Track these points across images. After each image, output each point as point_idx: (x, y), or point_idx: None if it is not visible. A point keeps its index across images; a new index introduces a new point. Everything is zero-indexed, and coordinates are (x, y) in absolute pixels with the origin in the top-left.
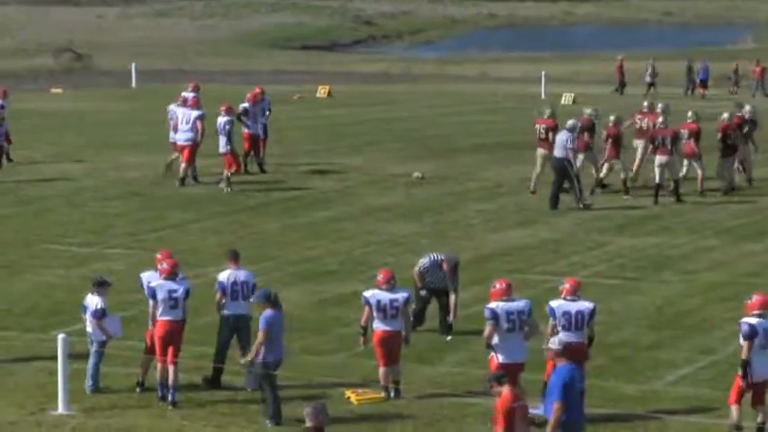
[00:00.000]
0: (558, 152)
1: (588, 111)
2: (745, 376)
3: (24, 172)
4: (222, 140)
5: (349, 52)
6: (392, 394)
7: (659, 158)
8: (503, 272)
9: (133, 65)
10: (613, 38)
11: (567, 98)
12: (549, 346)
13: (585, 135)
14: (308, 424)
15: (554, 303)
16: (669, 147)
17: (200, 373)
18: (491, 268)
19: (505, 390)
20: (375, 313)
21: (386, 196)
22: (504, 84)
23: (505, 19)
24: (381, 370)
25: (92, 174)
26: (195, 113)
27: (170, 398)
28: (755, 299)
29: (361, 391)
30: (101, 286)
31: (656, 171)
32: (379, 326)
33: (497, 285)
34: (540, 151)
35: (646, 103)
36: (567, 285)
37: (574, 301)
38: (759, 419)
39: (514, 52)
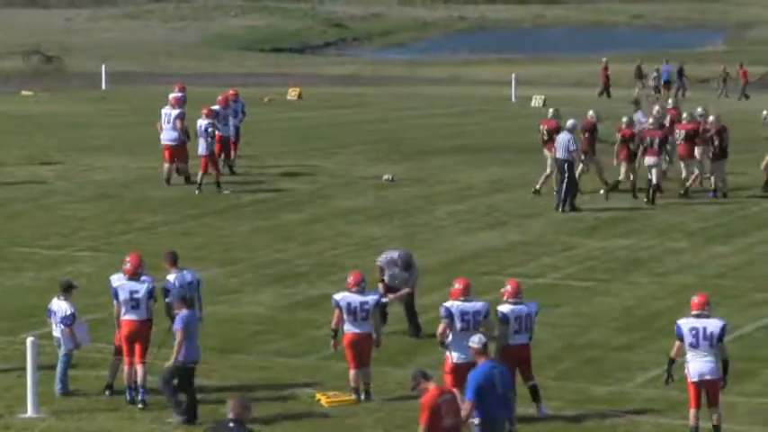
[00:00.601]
0: (559, 153)
1: (591, 112)
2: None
3: None
4: (201, 143)
5: (319, 54)
6: (363, 397)
7: (648, 159)
8: (474, 274)
9: (103, 67)
10: (584, 41)
11: (537, 100)
12: (470, 344)
13: (586, 137)
14: (230, 415)
15: (504, 308)
16: (657, 148)
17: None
18: (462, 270)
19: (431, 386)
20: (345, 316)
21: (356, 198)
22: (474, 86)
23: (476, 21)
24: (352, 372)
25: (62, 176)
26: (176, 112)
27: (140, 397)
28: (695, 300)
29: (331, 394)
30: (68, 290)
31: (650, 171)
32: (349, 328)
33: (456, 285)
34: (546, 153)
35: (670, 101)
36: (508, 288)
37: (518, 303)
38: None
39: (485, 55)
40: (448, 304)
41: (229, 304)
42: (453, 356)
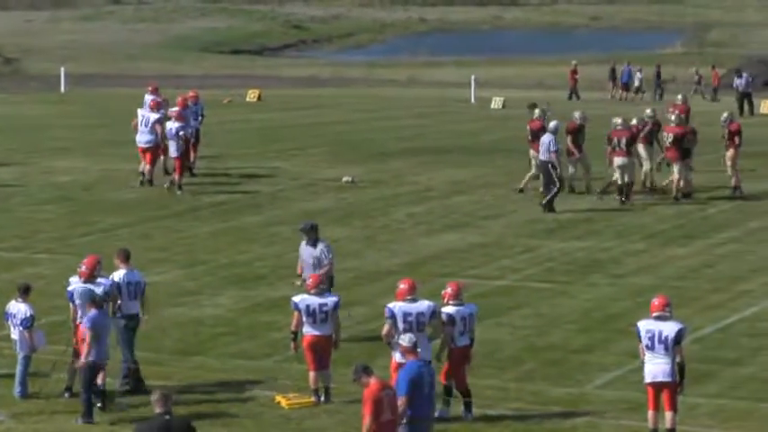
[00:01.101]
0: (542, 155)
1: (577, 114)
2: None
3: None
4: (172, 146)
5: (279, 56)
6: (322, 398)
7: (617, 160)
8: (434, 275)
9: (62, 69)
10: (543, 43)
11: (496, 102)
12: (400, 342)
13: (570, 138)
14: (157, 410)
15: (449, 310)
16: (625, 148)
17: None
18: (422, 272)
19: (372, 380)
20: (305, 318)
21: (316, 200)
22: (434, 88)
23: (435, 23)
24: (311, 374)
25: (20, 178)
26: (154, 116)
27: (98, 400)
28: (655, 301)
29: (291, 396)
30: (26, 293)
31: (618, 172)
32: (309, 330)
33: (400, 285)
34: (531, 153)
35: (680, 96)
36: (449, 290)
37: (460, 305)
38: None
39: (444, 57)
40: (391, 305)
41: (189, 306)
42: (396, 356)
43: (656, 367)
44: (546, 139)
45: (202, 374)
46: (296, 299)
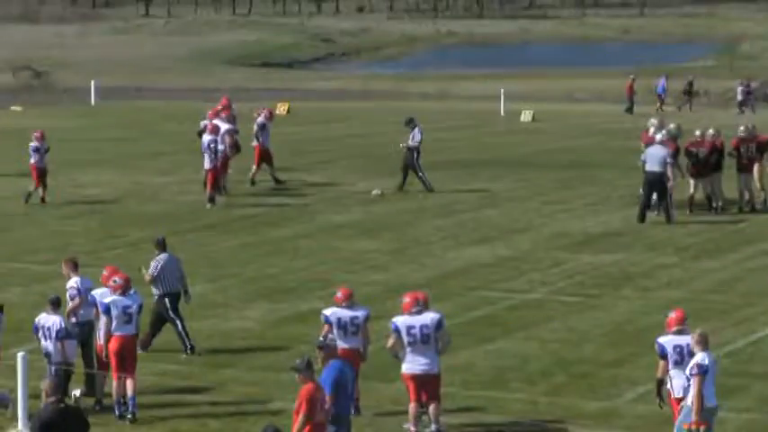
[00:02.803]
0: (657, 167)
1: (672, 126)
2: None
3: None
4: (206, 158)
5: (308, 69)
6: (352, 411)
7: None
8: (462, 289)
9: (92, 82)
10: (572, 55)
11: (526, 115)
12: (327, 343)
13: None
14: (51, 399)
15: (398, 320)
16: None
17: (160, 388)
18: (451, 285)
19: (310, 380)
20: (336, 331)
21: (345, 213)
22: (463, 101)
23: (464, 37)
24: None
25: (51, 191)
26: (225, 127)
27: (130, 409)
28: (672, 316)
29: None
30: (57, 305)
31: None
32: (339, 344)
33: (404, 299)
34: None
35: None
36: (406, 300)
37: (419, 314)
38: None
39: (473, 70)
40: (395, 319)
41: (218, 319)
42: (403, 368)
43: (686, 381)
44: (662, 152)
45: (232, 387)
46: (327, 312)
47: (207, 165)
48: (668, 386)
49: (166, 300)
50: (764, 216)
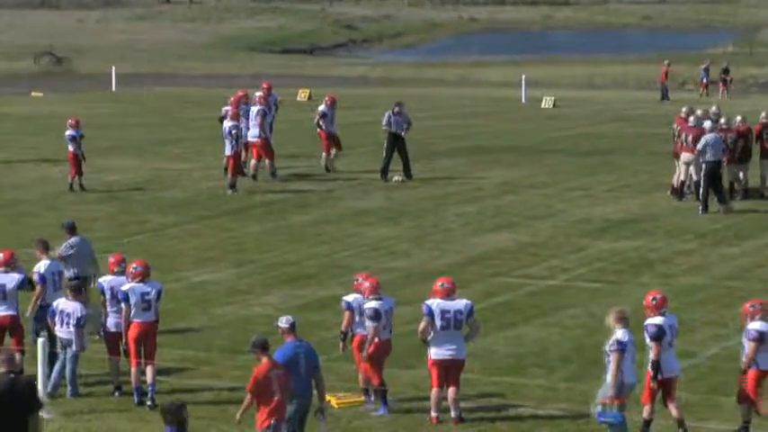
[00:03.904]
0: (719, 155)
1: (713, 109)
2: (655, 377)
3: (3, 175)
4: (227, 144)
5: (329, 56)
6: (372, 398)
7: (684, 156)
8: (483, 275)
9: (113, 68)
10: (593, 42)
11: (547, 102)
12: (278, 324)
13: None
14: (2, 369)
15: (433, 303)
16: (692, 146)
17: (181, 375)
18: (471, 271)
19: (265, 359)
20: (357, 318)
21: (366, 200)
22: (484, 87)
23: (486, 23)
24: (361, 374)
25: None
26: (255, 109)
27: (149, 396)
28: (659, 297)
29: (341, 395)
30: (78, 292)
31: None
32: (360, 330)
33: (439, 283)
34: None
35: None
36: (367, 284)
37: (379, 299)
38: (674, 414)
39: (494, 56)
40: (429, 302)
41: (239, 305)
42: (431, 353)
43: (674, 361)
44: (714, 138)
45: (251, 373)
46: (348, 298)
47: (228, 151)
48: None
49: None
50: None
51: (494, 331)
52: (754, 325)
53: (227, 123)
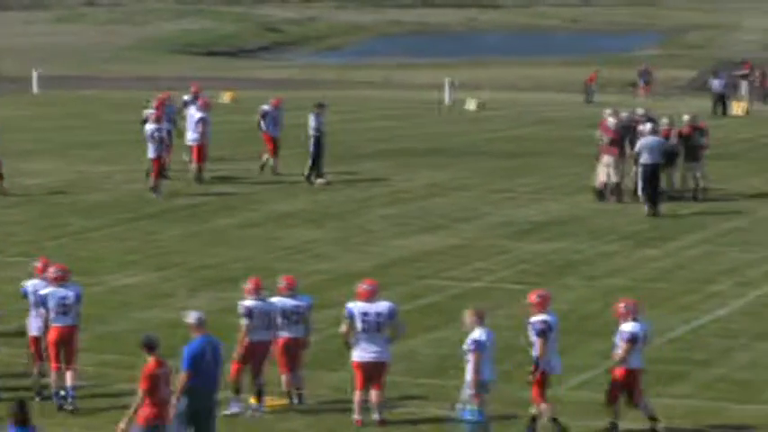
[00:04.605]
0: (657, 157)
1: (640, 111)
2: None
3: None
4: (151, 147)
5: (254, 58)
6: (295, 400)
7: (605, 158)
8: (407, 277)
9: (34, 71)
10: (519, 44)
11: (471, 104)
12: (187, 320)
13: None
14: None
15: (354, 306)
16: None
17: (101, 380)
18: (396, 274)
19: (152, 358)
20: (280, 320)
21: (291, 202)
22: (409, 90)
23: (411, 25)
24: (284, 376)
25: None
26: (198, 116)
27: (69, 400)
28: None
29: (265, 398)
30: None
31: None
32: (282, 333)
33: (363, 286)
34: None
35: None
36: (249, 286)
37: (293, 297)
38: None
39: (419, 58)
40: (351, 305)
41: (162, 308)
42: (354, 355)
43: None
44: (659, 141)
45: (175, 377)
46: (273, 300)
47: (151, 154)
48: (544, 363)
49: None
50: (705, 204)
51: (418, 333)
52: (627, 326)
53: (150, 126)
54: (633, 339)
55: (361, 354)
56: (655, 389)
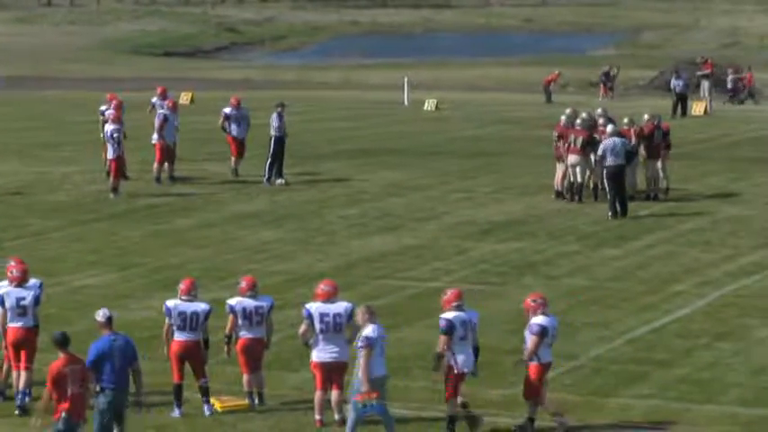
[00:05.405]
0: (620, 159)
1: (599, 111)
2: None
3: None
4: (110, 148)
5: (211, 59)
6: (256, 401)
7: (571, 158)
8: (366, 278)
9: None
10: (476, 45)
11: (429, 104)
12: (95, 317)
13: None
14: None
15: (170, 303)
16: (581, 147)
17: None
18: (355, 274)
19: (61, 355)
20: (240, 321)
21: (249, 203)
22: (367, 90)
23: (368, 26)
24: (245, 377)
25: None
26: (161, 112)
27: (18, 402)
28: (450, 293)
29: (225, 398)
30: None
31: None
32: (244, 333)
33: (320, 286)
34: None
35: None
36: (182, 286)
37: (254, 297)
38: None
39: (377, 59)
40: (309, 305)
41: (121, 309)
42: (312, 355)
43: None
44: (622, 142)
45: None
46: (232, 302)
47: (110, 154)
48: (451, 361)
49: None
50: (666, 204)
51: None
52: (537, 319)
53: (110, 127)
54: (543, 332)
55: (320, 354)
56: (615, 389)
